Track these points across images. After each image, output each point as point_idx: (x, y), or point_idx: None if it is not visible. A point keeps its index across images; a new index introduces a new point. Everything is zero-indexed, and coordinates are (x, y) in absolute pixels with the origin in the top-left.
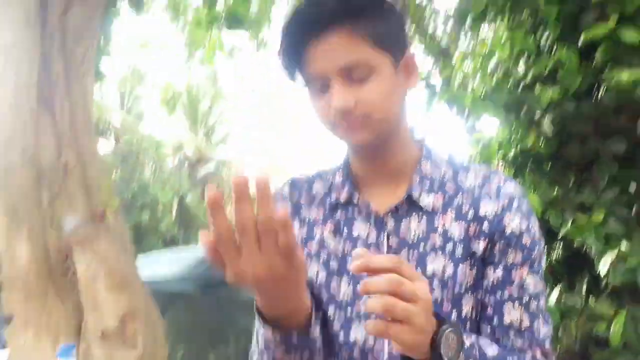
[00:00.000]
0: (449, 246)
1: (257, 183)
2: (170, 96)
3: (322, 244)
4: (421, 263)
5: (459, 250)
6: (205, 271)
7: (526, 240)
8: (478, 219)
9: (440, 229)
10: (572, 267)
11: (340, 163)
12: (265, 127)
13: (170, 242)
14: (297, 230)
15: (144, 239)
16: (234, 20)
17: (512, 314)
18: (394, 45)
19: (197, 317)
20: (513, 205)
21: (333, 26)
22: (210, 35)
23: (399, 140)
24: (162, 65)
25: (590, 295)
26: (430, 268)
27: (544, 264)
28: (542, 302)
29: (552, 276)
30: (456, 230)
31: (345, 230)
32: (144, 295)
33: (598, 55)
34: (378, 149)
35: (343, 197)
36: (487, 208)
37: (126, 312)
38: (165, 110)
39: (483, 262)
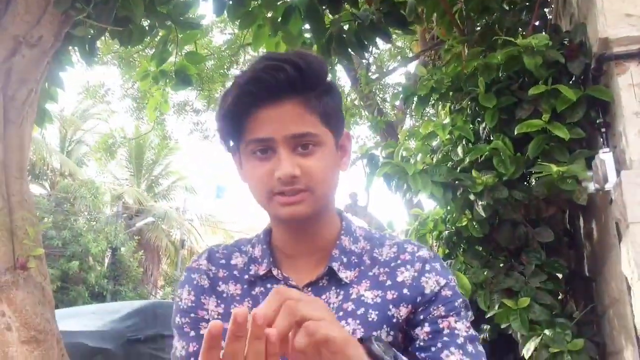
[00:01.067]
0: (361, 311)
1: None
2: (111, 142)
3: None
4: None
5: (373, 316)
6: (128, 327)
7: (446, 293)
8: (396, 286)
9: (354, 296)
10: (498, 350)
11: (260, 234)
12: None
13: (98, 294)
14: (215, 306)
15: (70, 289)
16: (183, 78)
17: (451, 357)
18: (336, 123)
19: None
20: (427, 267)
21: (288, 95)
22: (157, 91)
23: (327, 218)
24: (109, 113)
25: None
26: None
27: (470, 315)
28: (479, 347)
29: None
30: (370, 296)
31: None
32: (60, 350)
33: (530, 147)
34: (307, 226)
35: (262, 271)
36: (405, 275)
37: None
38: (104, 157)
39: (408, 328)
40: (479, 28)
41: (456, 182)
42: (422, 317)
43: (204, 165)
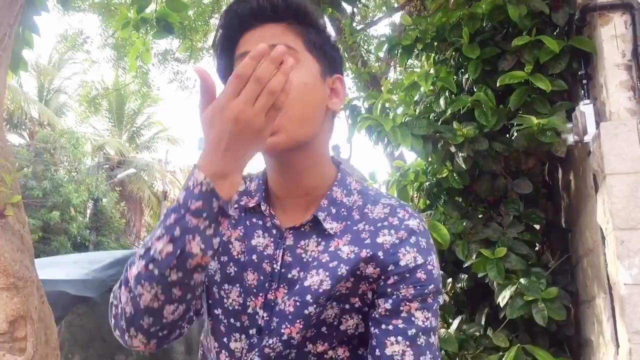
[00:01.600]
0: (334, 264)
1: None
2: (94, 94)
3: (226, 246)
4: (304, 279)
5: (343, 270)
6: (111, 276)
7: (420, 275)
8: (374, 246)
9: (332, 249)
10: (474, 298)
11: (260, 172)
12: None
13: (80, 245)
14: None
15: (52, 240)
16: (164, 26)
17: (395, 346)
18: (324, 55)
19: (98, 323)
20: (411, 239)
21: (270, 20)
22: (138, 39)
23: (315, 158)
24: (89, 63)
25: (489, 327)
26: (307, 282)
27: (440, 301)
28: (432, 339)
29: (455, 306)
30: (346, 250)
31: (250, 240)
32: (40, 297)
33: (512, 99)
34: (288, 159)
35: (251, 203)
36: (385, 238)
37: (17, 315)
38: (87, 108)
39: (374, 292)
40: None
41: (437, 134)
42: (389, 290)
43: (186, 116)
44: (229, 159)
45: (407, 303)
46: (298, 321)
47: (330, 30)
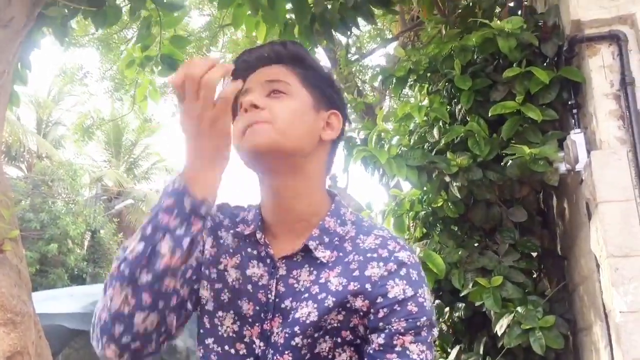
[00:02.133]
0: (322, 296)
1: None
2: (89, 123)
3: (222, 274)
4: (294, 310)
5: (329, 302)
6: None
7: (411, 307)
8: (362, 279)
9: (322, 280)
10: (472, 327)
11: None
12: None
13: (77, 277)
14: (210, 246)
15: (49, 272)
16: (168, 63)
17: None
18: (321, 93)
19: (95, 357)
20: (401, 272)
21: (268, 63)
22: (145, 79)
23: (306, 185)
24: (88, 96)
25: (488, 356)
26: (298, 314)
27: (434, 334)
28: None
29: (454, 335)
30: (335, 282)
31: (245, 270)
32: (37, 332)
33: (504, 129)
34: (282, 182)
35: (247, 231)
36: (374, 270)
37: (15, 351)
38: (82, 138)
39: (365, 327)
40: (459, 10)
41: (431, 164)
42: (381, 324)
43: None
44: (198, 157)
45: (400, 336)
46: (287, 352)
47: (331, 73)
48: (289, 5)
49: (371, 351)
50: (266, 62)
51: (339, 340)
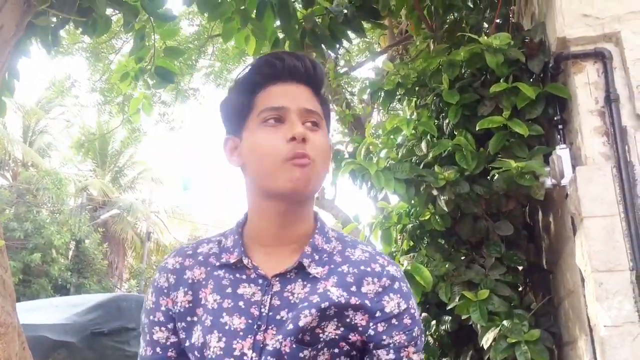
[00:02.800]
0: (325, 304)
1: None
2: (83, 139)
3: (205, 306)
4: (296, 319)
5: (331, 311)
6: (92, 321)
7: (407, 321)
8: (360, 295)
9: (320, 290)
10: (459, 340)
11: (233, 227)
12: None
13: (61, 287)
14: (183, 296)
15: (33, 282)
16: (163, 74)
17: None
18: (328, 121)
19: None
20: (395, 286)
21: (301, 80)
22: (140, 92)
23: (309, 210)
24: (78, 107)
25: None
26: (302, 322)
27: (423, 341)
28: None
29: (440, 348)
30: (336, 293)
31: (229, 289)
32: (21, 343)
33: (491, 143)
34: (299, 207)
35: (233, 259)
36: (369, 287)
37: None
38: (76, 153)
39: (363, 342)
40: (447, 25)
41: (419, 177)
42: (384, 338)
43: (170, 156)
44: None
45: (405, 349)
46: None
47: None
48: (278, 22)
49: None
50: (296, 76)
51: (337, 350)
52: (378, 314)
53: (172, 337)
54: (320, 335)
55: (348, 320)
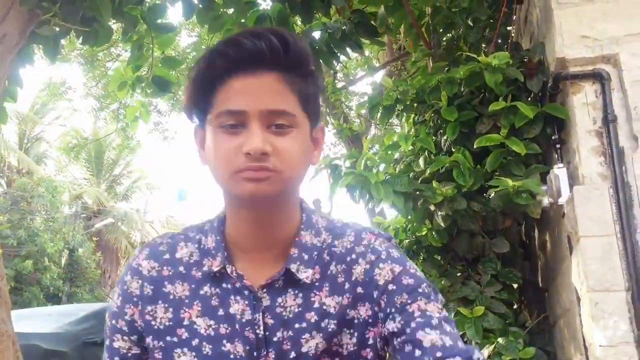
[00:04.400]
0: (325, 323)
1: None
2: (74, 143)
3: (192, 329)
4: (296, 344)
5: (332, 326)
6: (84, 330)
7: (407, 281)
8: (351, 287)
9: (316, 305)
10: None
11: (213, 220)
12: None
13: (54, 296)
14: (163, 312)
15: (25, 290)
16: (160, 83)
17: (428, 337)
18: (315, 111)
19: None
20: (382, 256)
21: (268, 68)
22: (137, 100)
23: (289, 210)
24: (71, 112)
25: None
26: (305, 348)
27: (441, 298)
28: (455, 330)
29: None
30: (331, 304)
31: (220, 309)
32: (15, 352)
33: (488, 161)
34: (267, 214)
35: (216, 266)
36: (357, 270)
37: None
38: (67, 157)
39: (375, 324)
40: (444, 42)
41: (417, 192)
42: (388, 310)
43: (166, 166)
44: None
45: (412, 304)
46: None
47: (320, 72)
48: None
49: (395, 330)
50: (260, 65)
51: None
52: (375, 293)
53: (134, 348)
54: (340, 350)
55: (355, 321)
